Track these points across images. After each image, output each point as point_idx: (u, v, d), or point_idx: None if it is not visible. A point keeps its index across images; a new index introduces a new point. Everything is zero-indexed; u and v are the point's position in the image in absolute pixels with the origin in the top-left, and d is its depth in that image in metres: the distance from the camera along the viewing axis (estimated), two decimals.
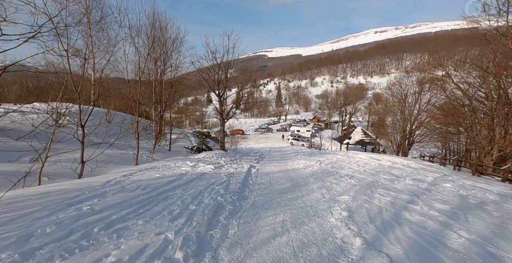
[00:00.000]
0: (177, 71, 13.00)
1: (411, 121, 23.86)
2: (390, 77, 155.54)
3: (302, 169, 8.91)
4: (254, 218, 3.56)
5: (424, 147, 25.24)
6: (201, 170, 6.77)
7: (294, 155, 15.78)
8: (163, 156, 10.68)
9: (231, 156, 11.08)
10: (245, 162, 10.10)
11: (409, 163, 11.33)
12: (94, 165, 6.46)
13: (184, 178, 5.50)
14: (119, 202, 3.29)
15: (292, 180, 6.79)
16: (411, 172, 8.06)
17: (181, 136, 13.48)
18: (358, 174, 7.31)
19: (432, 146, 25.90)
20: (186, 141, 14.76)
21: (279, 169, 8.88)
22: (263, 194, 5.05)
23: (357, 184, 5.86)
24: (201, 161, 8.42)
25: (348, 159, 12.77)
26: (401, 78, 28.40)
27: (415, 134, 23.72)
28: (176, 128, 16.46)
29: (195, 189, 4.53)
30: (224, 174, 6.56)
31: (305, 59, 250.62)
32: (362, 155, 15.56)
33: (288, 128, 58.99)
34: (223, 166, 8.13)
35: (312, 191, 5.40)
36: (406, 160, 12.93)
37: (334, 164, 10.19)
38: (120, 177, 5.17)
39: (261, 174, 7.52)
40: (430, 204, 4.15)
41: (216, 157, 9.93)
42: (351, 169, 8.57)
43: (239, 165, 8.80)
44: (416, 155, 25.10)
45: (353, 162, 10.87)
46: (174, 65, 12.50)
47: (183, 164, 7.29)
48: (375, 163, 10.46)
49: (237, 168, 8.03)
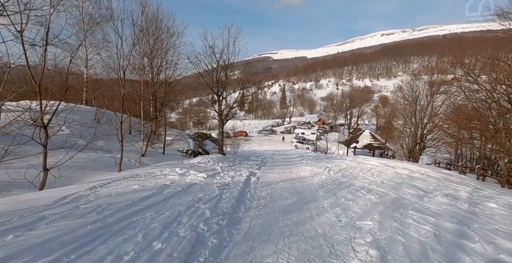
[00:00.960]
0: (175, 67, 12.09)
1: (423, 124, 22.52)
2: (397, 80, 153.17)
3: (308, 178, 7.82)
4: (246, 259, 2.50)
5: (436, 152, 23.87)
6: (191, 179, 5.74)
7: (299, 160, 14.68)
8: (155, 160, 9.70)
9: (230, 161, 10.04)
10: (244, 168, 9.05)
11: (426, 171, 10.13)
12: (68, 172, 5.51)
13: (165, 191, 4.47)
14: (45, 240, 2.20)
15: (298, 193, 5.70)
16: (437, 185, 6.89)
17: (178, 138, 12.51)
18: (376, 187, 6.18)
19: (443, 152, 24.47)
20: (184, 143, 13.79)
21: (283, 178, 7.81)
22: (262, 215, 3.98)
23: (379, 202, 4.74)
24: (193, 167, 7.40)
25: (359, 166, 11.63)
26: (412, 79, 27.08)
27: (426, 139, 22.42)
28: (173, 129, 15.49)
29: (173, 209, 3.49)
30: (217, 185, 5.51)
31: (310, 61, 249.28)
32: (373, 161, 14.37)
33: (293, 130, 57.78)
34: (219, 173, 7.09)
35: (324, 211, 4.31)
36: (421, 167, 11.70)
37: (345, 172, 9.05)
38: (86, 190, 4.18)
39: (261, 184, 6.46)
40: (490, 239, 3.03)
41: (212, 162, 8.90)
42: (366, 179, 7.44)
43: (237, 172, 7.74)
44: (426, 161, 23.72)
45: (365, 170, 9.72)
46: (170, 61, 11.59)
47: (171, 172, 6.28)
48: (391, 172, 9.28)
49: (234, 176, 6.98)
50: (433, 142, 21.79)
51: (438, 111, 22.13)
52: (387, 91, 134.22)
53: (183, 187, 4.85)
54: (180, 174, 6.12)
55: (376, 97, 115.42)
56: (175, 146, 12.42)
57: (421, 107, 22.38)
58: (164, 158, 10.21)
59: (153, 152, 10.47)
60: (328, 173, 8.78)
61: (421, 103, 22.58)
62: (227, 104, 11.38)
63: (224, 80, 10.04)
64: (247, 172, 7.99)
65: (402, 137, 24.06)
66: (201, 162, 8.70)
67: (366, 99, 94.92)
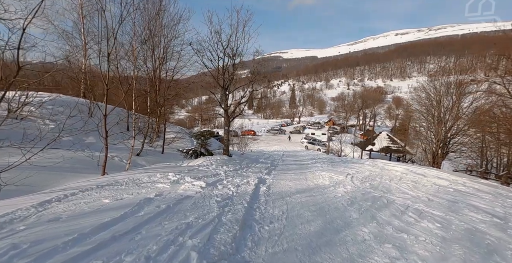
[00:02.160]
0: (178, 59, 10.86)
1: (446, 127, 20.59)
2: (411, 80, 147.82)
3: (329, 188, 6.42)
4: None
5: (460, 157, 21.91)
6: (184, 190, 4.46)
7: (312, 163, 13.24)
8: (152, 160, 8.53)
9: (236, 164, 8.74)
10: (252, 172, 7.73)
11: (465, 182, 8.49)
12: (33, 174, 4.36)
13: (142, 212, 3.19)
14: None
15: (321, 211, 4.33)
16: (502, 205, 5.31)
17: (180, 136, 11.28)
18: (425, 207, 4.71)
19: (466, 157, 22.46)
20: (187, 142, 12.59)
21: (298, 187, 6.44)
22: (278, 254, 2.66)
23: (448, 237, 3.28)
24: (192, 172, 6.14)
25: (384, 173, 10.11)
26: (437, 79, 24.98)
27: (450, 143, 20.52)
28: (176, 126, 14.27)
29: (139, 251, 2.20)
30: (216, 199, 4.20)
31: (320, 61, 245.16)
32: (397, 166, 12.75)
33: (302, 130, 56.05)
34: (221, 181, 5.79)
35: (369, 249, 2.92)
36: (455, 175, 10.00)
37: (372, 182, 7.57)
38: (31, 207, 2.97)
39: (273, 197, 5.11)
40: None
41: (215, 166, 7.62)
42: (404, 193, 5.95)
43: (243, 179, 6.42)
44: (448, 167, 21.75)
45: (395, 179, 8.20)
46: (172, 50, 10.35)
47: (161, 178, 5.01)
48: (428, 183, 7.72)
49: (240, 184, 5.67)
50: (458, 147, 20.05)
51: (464, 113, 20.26)
52: (400, 92, 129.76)
53: (170, 204, 3.56)
54: (172, 182, 4.85)
55: (389, 98, 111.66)
56: (177, 144, 11.25)
57: (445, 108, 20.51)
58: (162, 158, 9.03)
59: (151, 151, 9.31)
60: (352, 182, 7.33)
61: (446, 104, 20.70)
62: (234, 100, 10.08)
63: (232, 71, 8.73)
64: (256, 178, 6.66)
65: (425, 141, 22.20)
66: (202, 165, 7.43)
67: (379, 100, 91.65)
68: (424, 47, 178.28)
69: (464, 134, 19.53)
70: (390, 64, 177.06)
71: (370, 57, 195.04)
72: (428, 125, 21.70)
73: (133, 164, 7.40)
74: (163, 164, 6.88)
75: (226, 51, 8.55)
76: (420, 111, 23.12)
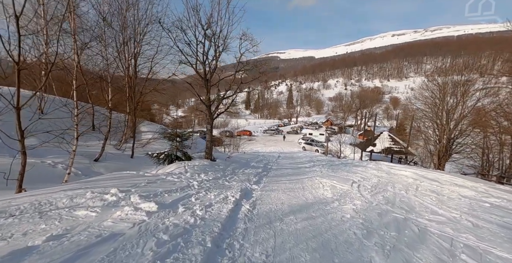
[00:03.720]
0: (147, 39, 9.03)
1: (450, 127, 19.38)
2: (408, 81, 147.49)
3: (333, 204, 4.93)
4: None
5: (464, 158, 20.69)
6: (115, 221, 2.90)
7: (311, 166, 11.77)
8: (115, 167, 6.93)
9: (218, 171, 7.18)
10: (238, 182, 6.21)
11: (487, 189, 7.13)
12: None
13: None
14: None
15: (327, 250, 2.83)
16: None
17: (156, 137, 9.56)
18: (478, 239, 3.22)
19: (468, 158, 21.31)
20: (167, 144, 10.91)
21: (293, 202, 4.94)
22: None
23: None
24: (149, 185, 4.58)
25: (392, 179, 8.72)
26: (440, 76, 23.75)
27: (454, 144, 19.32)
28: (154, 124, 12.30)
29: None
30: (161, 238, 2.66)
31: (318, 61, 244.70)
32: (403, 170, 11.36)
33: (299, 130, 54.65)
34: (188, 198, 4.26)
35: None
36: (470, 180, 8.59)
37: (385, 193, 6.09)
38: None
39: (257, 223, 3.60)
40: None
41: (190, 174, 6.06)
42: (432, 212, 4.48)
43: (221, 192, 4.89)
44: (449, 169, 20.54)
45: (410, 189, 6.76)
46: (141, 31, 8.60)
47: (92, 199, 3.41)
48: (453, 194, 6.26)
49: (213, 203, 4.14)
50: (461, 148, 18.91)
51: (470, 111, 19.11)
52: (397, 92, 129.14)
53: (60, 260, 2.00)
54: (105, 205, 3.29)
55: (386, 98, 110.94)
56: (154, 147, 9.64)
57: (450, 107, 19.31)
58: (130, 164, 7.43)
59: (118, 156, 7.70)
60: (360, 194, 5.84)
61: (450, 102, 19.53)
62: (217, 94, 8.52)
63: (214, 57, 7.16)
64: (238, 191, 5.13)
65: (429, 141, 20.96)
66: (173, 174, 5.87)
67: (376, 100, 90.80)
68: (420, 48, 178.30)
69: (468, 134, 18.48)
70: (387, 65, 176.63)
71: (367, 57, 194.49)
72: (434, 124, 20.46)
73: (85, 172, 5.82)
74: (120, 174, 5.31)
75: (206, 33, 7.01)
76: (424, 110, 21.87)
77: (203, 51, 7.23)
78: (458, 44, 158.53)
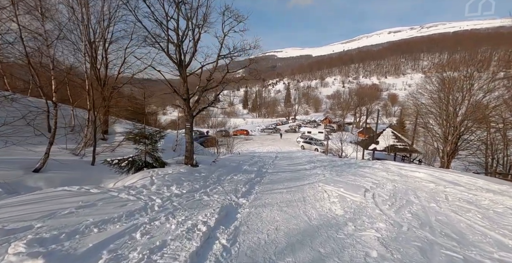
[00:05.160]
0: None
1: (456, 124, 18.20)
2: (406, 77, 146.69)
3: (347, 227, 3.62)
4: None
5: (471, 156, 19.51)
6: None
7: (311, 168, 10.46)
8: (63, 178, 5.48)
9: (198, 180, 5.79)
10: (220, 194, 4.85)
11: None
12: None
13: None
14: None
15: None
16: None
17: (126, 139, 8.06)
18: None
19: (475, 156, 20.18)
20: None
21: (291, 226, 3.62)
22: None
23: None
24: (78, 212, 3.24)
25: (409, 184, 7.44)
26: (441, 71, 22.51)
27: (460, 140, 18.21)
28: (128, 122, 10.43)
29: None
30: None
31: (315, 60, 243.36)
32: (415, 170, 10.12)
33: (298, 129, 53.30)
34: (132, 232, 2.91)
35: None
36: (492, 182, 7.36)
37: (410, 206, 4.78)
38: None
39: None
40: None
41: (156, 187, 4.67)
42: (495, 242, 3.18)
43: (191, 216, 3.54)
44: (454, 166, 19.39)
45: (439, 199, 5.45)
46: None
47: None
48: (499, 207, 4.93)
49: (166, 243, 2.77)
50: (468, 144, 17.83)
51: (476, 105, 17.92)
52: (395, 89, 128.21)
53: None
54: None
55: (384, 95, 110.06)
56: (126, 150, 8.21)
57: (455, 102, 18.13)
58: (88, 173, 6.00)
59: (74, 163, 6.24)
60: (380, 210, 4.50)
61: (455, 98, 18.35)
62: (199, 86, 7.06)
63: (193, 32, 5.71)
64: (217, 211, 3.75)
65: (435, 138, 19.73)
66: (134, 187, 4.48)
67: (374, 97, 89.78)
68: (417, 44, 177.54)
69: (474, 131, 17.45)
70: (384, 62, 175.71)
71: (364, 55, 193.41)
72: (440, 120, 19.24)
73: (14, 188, 4.37)
74: (48, 191, 3.88)
75: (179, 6, 5.55)
76: (428, 105, 20.61)
77: (174, 28, 5.78)
78: (454, 40, 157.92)
